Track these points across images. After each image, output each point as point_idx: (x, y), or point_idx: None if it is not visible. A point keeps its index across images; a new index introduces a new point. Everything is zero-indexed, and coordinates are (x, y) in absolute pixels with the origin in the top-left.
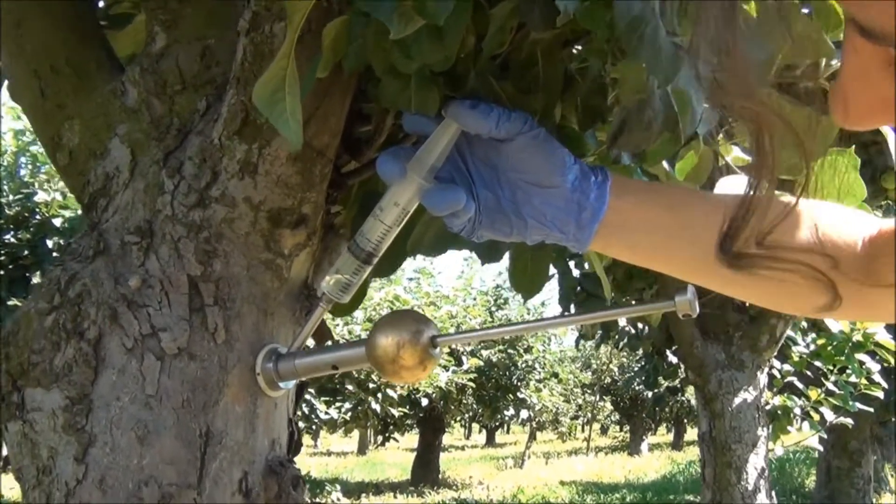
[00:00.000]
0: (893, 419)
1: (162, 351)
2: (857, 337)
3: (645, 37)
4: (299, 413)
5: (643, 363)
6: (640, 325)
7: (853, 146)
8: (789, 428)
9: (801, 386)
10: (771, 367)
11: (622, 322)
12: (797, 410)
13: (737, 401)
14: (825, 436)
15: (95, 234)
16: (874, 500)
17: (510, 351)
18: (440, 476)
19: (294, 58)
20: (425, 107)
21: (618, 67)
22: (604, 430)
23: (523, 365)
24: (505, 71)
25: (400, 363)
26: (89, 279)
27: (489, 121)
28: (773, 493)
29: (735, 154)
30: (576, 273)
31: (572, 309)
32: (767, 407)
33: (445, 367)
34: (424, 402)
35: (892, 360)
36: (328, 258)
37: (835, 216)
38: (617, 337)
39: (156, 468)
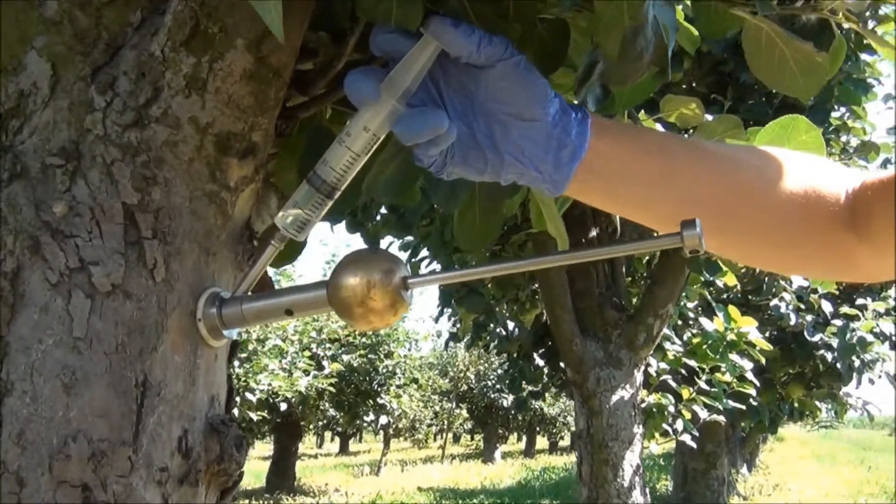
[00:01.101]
0: (742, 424)
1: (93, 287)
2: (731, 336)
3: None
4: None
5: (506, 368)
6: (510, 327)
7: None
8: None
9: (674, 385)
10: (647, 365)
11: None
12: (671, 408)
13: (614, 398)
14: (696, 434)
15: (10, 157)
16: (726, 502)
17: (371, 356)
18: (296, 483)
19: None
20: (407, 19)
21: (595, 2)
22: (456, 439)
23: (384, 370)
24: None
25: (369, 305)
26: (5, 204)
27: (471, 42)
28: (647, 491)
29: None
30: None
31: (453, 303)
32: (643, 405)
33: (306, 372)
34: (283, 406)
35: (763, 360)
36: (257, 208)
37: (819, 167)
38: (488, 338)
39: (85, 421)
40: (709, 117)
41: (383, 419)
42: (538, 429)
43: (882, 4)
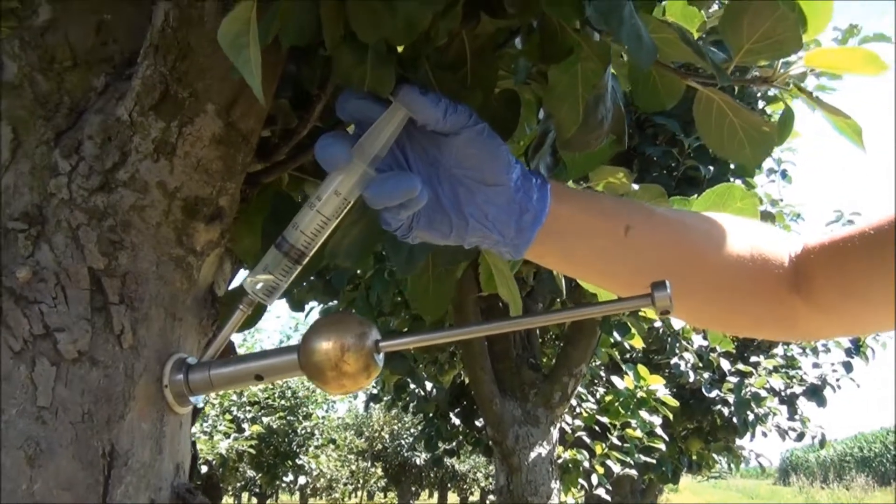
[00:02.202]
0: (645, 477)
1: (58, 355)
2: (641, 394)
3: (624, 19)
4: None
5: (422, 427)
6: (429, 387)
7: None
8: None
9: (588, 441)
10: (563, 422)
11: (413, 384)
12: (586, 464)
13: (532, 455)
14: (610, 487)
15: None
16: None
17: (290, 418)
18: None
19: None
20: (380, 86)
21: (550, 73)
22: (370, 496)
23: (303, 431)
24: (437, 68)
25: (343, 369)
26: None
27: (438, 110)
28: None
29: None
30: None
31: None
32: (559, 461)
33: (227, 434)
34: (203, 469)
35: (671, 416)
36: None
37: (762, 232)
38: (407, 398)
39: (49, 494)
40: (635, 186)
41: (302, 479)
42: (449, 485)
43: (769, 88)
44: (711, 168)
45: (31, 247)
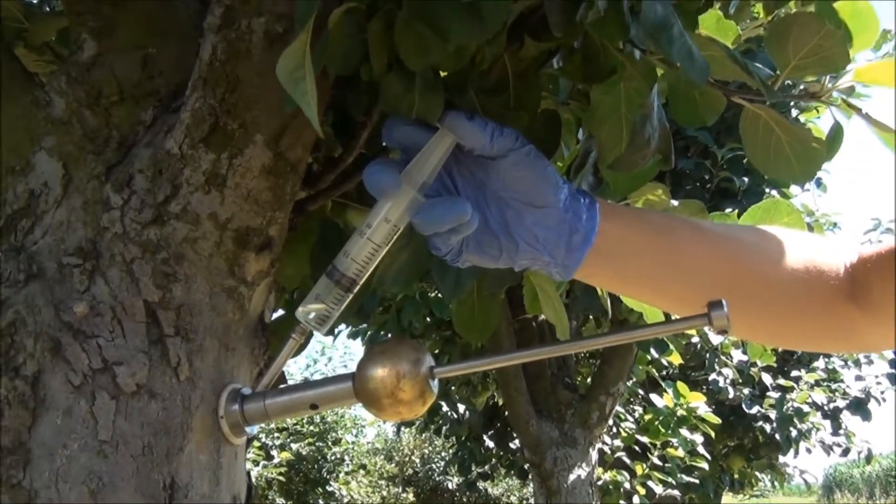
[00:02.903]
0: (687, 498)
1: (117, 388)
2: (681, 412)
3: (674, 38)
4: None
5: (455, 451)
6: (461, 410)
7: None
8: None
9: (628, 461)
10: (602, 443)
11: (445, 407)
12: (627, 485)
13: (571, 477)
14: None
15: (24, 257)
16: None
17: (319, 444)
18: None
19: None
20: (429, 112)
21: (592, 93)
22: None
23: (333, 457)
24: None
25: (398, 396)
26: (23, 306)
27: (485, 134)
28: None
29: None
30: None
31: None
32: (599, 482)
33: (256, 462)
34: None
35: (713, 433)
36: None
37: (816, 243)
38: (440, 421)
39: None
40: (674, 202)
41: None
42: None
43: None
44: (746, 179)
45: (86, 281)
